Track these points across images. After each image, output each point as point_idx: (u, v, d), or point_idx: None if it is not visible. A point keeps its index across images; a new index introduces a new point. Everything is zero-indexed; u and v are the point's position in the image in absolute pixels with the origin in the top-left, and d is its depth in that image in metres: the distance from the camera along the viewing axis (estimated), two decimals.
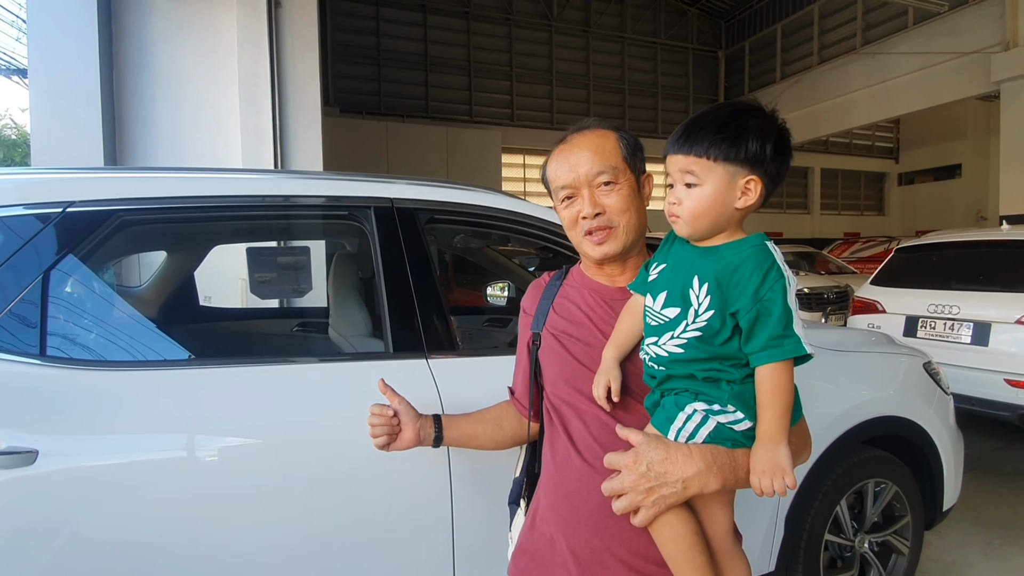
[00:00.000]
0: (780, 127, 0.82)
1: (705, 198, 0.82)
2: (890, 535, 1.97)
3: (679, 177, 0.84)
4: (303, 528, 1.28)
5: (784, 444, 0.79)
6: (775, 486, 0.78)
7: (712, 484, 0.81)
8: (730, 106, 0.84)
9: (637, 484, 0.82)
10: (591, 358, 0.96)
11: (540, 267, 3.79)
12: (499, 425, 1.14)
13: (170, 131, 3.88)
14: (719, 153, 0.80)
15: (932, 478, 2.07)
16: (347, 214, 1.56)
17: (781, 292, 0.78)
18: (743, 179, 0.81)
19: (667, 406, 0.86)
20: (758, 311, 0.78)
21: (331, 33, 13.60)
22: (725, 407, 0.83)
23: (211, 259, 2.19)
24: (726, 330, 0.81)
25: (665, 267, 0.89)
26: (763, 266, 0.79)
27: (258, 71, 3.92)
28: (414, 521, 1.37)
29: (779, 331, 0.77)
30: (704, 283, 0.82)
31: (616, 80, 17.02)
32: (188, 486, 1.20)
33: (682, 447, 0.83)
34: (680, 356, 0.84)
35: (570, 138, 1.01)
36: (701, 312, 0.82)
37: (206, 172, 1.54)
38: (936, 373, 2.17)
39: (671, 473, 0.81)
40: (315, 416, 1.33)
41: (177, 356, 1.67)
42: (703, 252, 0.85)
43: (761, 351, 0.78)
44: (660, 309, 0.86)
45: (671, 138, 0.86)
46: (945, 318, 3.68)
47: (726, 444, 0.83)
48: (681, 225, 0.85)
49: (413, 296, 1.45)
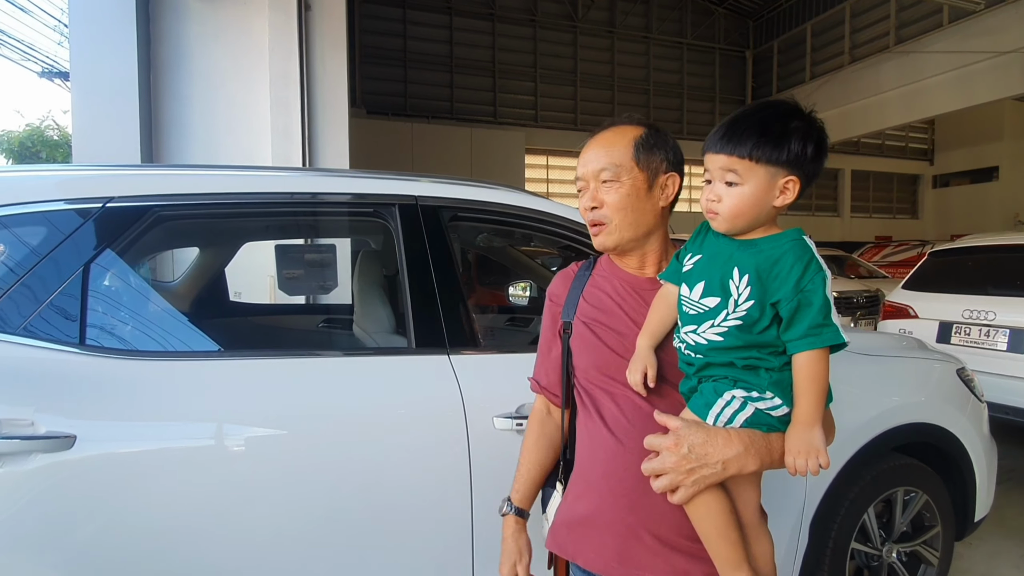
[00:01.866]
0: (820, 129, 0.85)
1: (746, 197, 0.85)
2: (919, 545, 1.92)
3: (719, 175, 0.87)
4: (324, 518, 1.30)
5: (819, 427, 0.83)
6: (809, 465, 0.82)
7: (750, 465, 0.86)
8: (772, 107, 0.86)
9: (678, 465, 0.86)
10: (623, 346, 0.99)
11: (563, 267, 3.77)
12: (551, 441, 1.15)
13: (203, 130, 4.00)
14: (762, 155, 0.83)
15: (964, 488, 2.01)
16: (372, 212, 1.58)
17: (821, 284, 0.81)
18: (783, 179, 0.84)
19: (705, 392, 0.90)
20: (799, 301, 0.81)
21: (359, 36, 13.80)
22: (764, 394, 0.86)
23: (241, 256, 2.25)
24: (765, 319, 0.84)
25: (701, 258, 0.92)
26: (803, 259, 0.82)
27: (288, 72, 4.01)
28: (434, 514, 1.38)
29: (819, 320, 0.81)
30: (744, 274, 0.85)
31: (641, 81, 16.90)
32: (216, 473, 1.24)
33: (721, 431, 0.86)
34: (720, 344, 0.87)
35: (596, 132, 1.05)
36: (741, 302, 0.85)
37: (237, 170, 1.58)
38: (970, 380, 2.10)
39: (711, 455, 0.85)
40: (338, 408, 1.36)
41: (208, 348, 1.72)
42: (741, 244, 0.88)
43: (801, 339, 0.82)
44: (699, 299, 0.89)
45: (711, 136, 0.88)
46: (980, 324, 3.57)
47: (762, 428, 0.87)
48: (719, 221, 0.88)
49: (436, 292, 1.46)
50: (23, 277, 1.23)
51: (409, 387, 1.42)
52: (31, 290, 1.23)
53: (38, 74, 9.22)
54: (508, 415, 1.40)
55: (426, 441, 1.38)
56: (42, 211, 1.29)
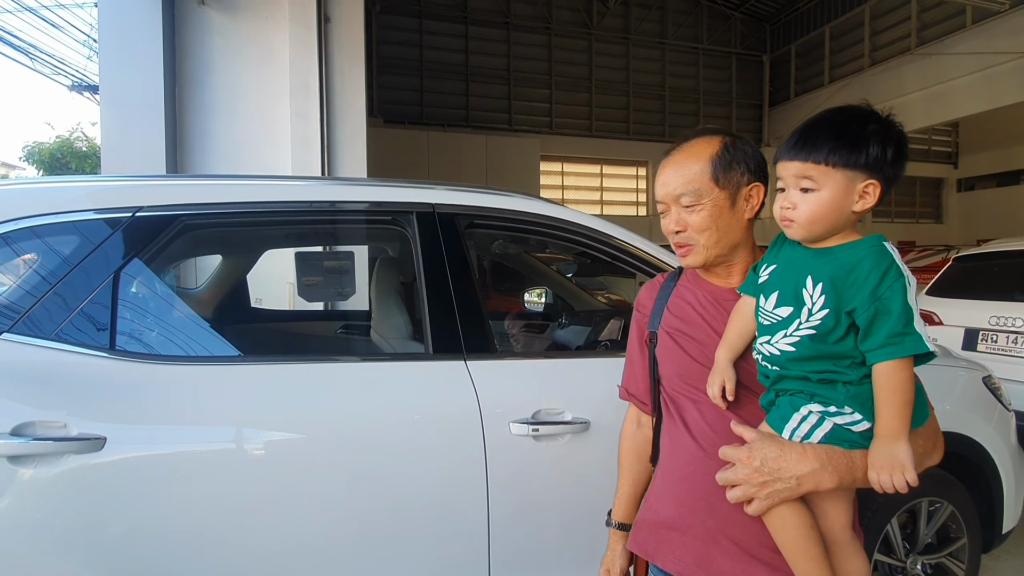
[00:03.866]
0: (899, 131, 0.83)
1: (823, 203, 0.83)
2: (944, 557, 1.87)
3: (793, 182, 0.85)
4: (342, 521, 1.32)
5: (904, 441, 0.80)
6: (894, 482, 0.79)
7: (827, 483, 0.83)
8: (846, 111, 0.85)
9: (750, 478, 0.85)
10: (705, 356, 1.00)
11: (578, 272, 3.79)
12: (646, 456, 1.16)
13: (226, 141, 4.10)
14: (839, 159, 0.81)
15: (991, 499, 1.96)
16: (390, 219, 1.61)
17: (901, 291, 0.79)
18: (862, 183, 0.82)
19: (781, 406, 0.89)
20: (876, 309, 0.79)
21: (377, 46, 13.99)
22: (842, 408, 0.84)
23: (262, 263, 2.29)
24: (840, 328, 0.82)
25: (776, 268, 0.91)
26: (881, 265, 0.80)
27: (308, 84, 4.10)
28: (450, 519, 1.39)
29: (899, 328, 0.78)
30: (818, 283, 0.84)
31: (657, 87, 16.84)
32: (238, 476, 1.27)
33: (796, 446, 0.85)
34: (792, 354, 0.86)
35: (672, 151, 1.04)
36: (815, 311, 0.83)
37: (260, 179, 1.62)
38: (997, 388, 2.05)
39: (785, 470, 0.84)
40: (356, 413, 1.38)
41: (230, 353, 1.76)
42: (816, 253, 0.86)
43: (880, 348, 0.79)
44: (772, 309, 0.89)
45: (784, 145, 0.87)
46: (1009, 331, 3.48)
47: (843, 445, 0.84)
48: (796, 229, 0.86)
49: (453, 299, 1.48)
50: (56, 285, 1.28)
51: (426, 392, 1.43)
52: (63, 297, 1.28)
53: (68, 88, 9.52)
54: (524, 420, 1.41)
55: (443, 446, 1.39)
56: (73, 220, 1.34)
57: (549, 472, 1.46)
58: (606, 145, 16.09)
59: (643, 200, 16.66)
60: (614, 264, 1.75)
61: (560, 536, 1.49)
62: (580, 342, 2.24)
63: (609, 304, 3.47)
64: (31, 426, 1.15)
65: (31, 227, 1.31)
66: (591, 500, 1.47)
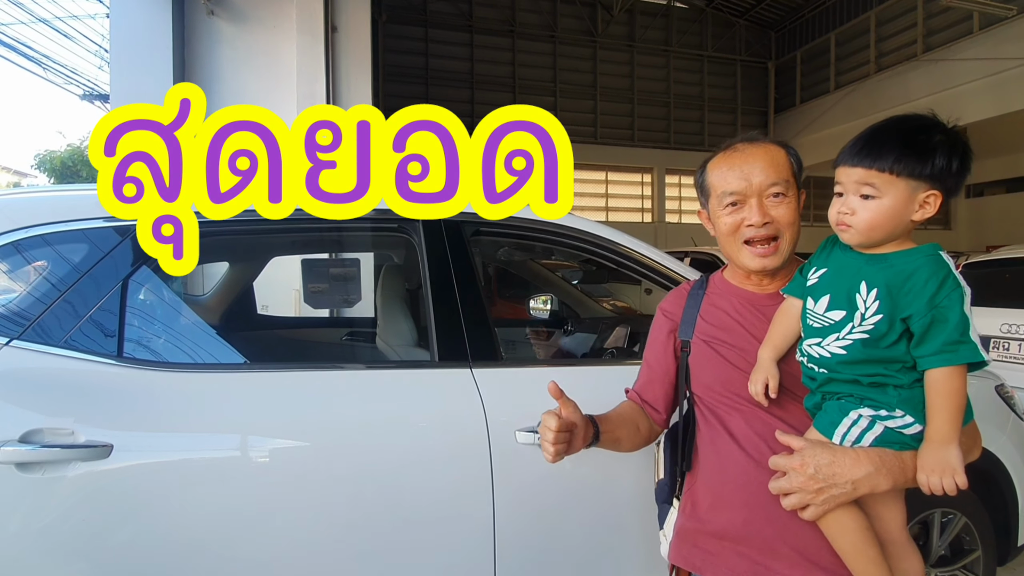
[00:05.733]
0: (965, 143, 0.84)
1: (884, 211, 0.83)
2: (959, 570, 1.84)
3: (854, 188, 0.86)
4: (347, 528, 1.32)
5: (955, 445, 0.81)
6: (944, 485, 0.80)
7: (883, 485, 0.84)
8: (913, 120, 0.85)
9: (806, 485, 0.85)
10: (746, 362, 1.00)
11: (584, 280, 3.78)
12: (638, 429, 1.14)
13: None
14: (904, 168, 0.82)
15: (1006, 510, 1.93)
16: (396, 226, 1.61)
17: (959, 300, 0.80)
18: (924, 193, 0.83)
19: (830, 411, 0.89)
20: (933, 317, 0.80)
21: (383, 55, 14.12)
22: (893, 412, 0.85)
23: (268, 270, 2.30)
24: (893, 334, 0.83)
25: (826, 271, 0.91)
26: (939, 275, 0.81)
27: (315, 92, 4.14)
28: (455, 527, 1.38)
29: (955, 337, 0.79)
30: (873, 288, 0.84)
31: (662, 94, 16.87)
32: (244, 483, 1.27)
33: (848, 451, 0.85)
34: (844, 357, 0.86)
35: (739, 147, 1.03)
36: (868, 316, 0.84)
37: None
38: (1010, 397, 2.03)
39: (840, 475, 0.84)
40: (362, 421, 1.37)
41: (237, 360, 1.76)
42: (870, 259, 0.87)
43: (935, 355, 0.80)
44: (824, 312, 0.89)
45: (846, 150, 0.87)
46: (1020, 338, 3.45)
47: (893, 447, 0.85)
48: (852, 234, 0.87)
49: (459, 306, 1.48)
50: (65, 292, 1.29)
51: (432, 400, 1.43)
52: (72, 305, 1.29)
53: (80, 97, 9.66)
54: (530, 429, 1.40)
55: (448, 454, 1.39)
56: (83, 228, 1.35)
57: (555, 481, 1.45)
58: (611, 152, 16.11)
59: (648, 207, 16.64)
60: (620, 271, 1.75)
61: (566, 545, 1.48)
62: (586, 350, 2.23)
63: (615, 311, 3.46)
64: (39, 433, 1.15)
65: (42, 235, 1.33)
66: (597, 509, 1.46)
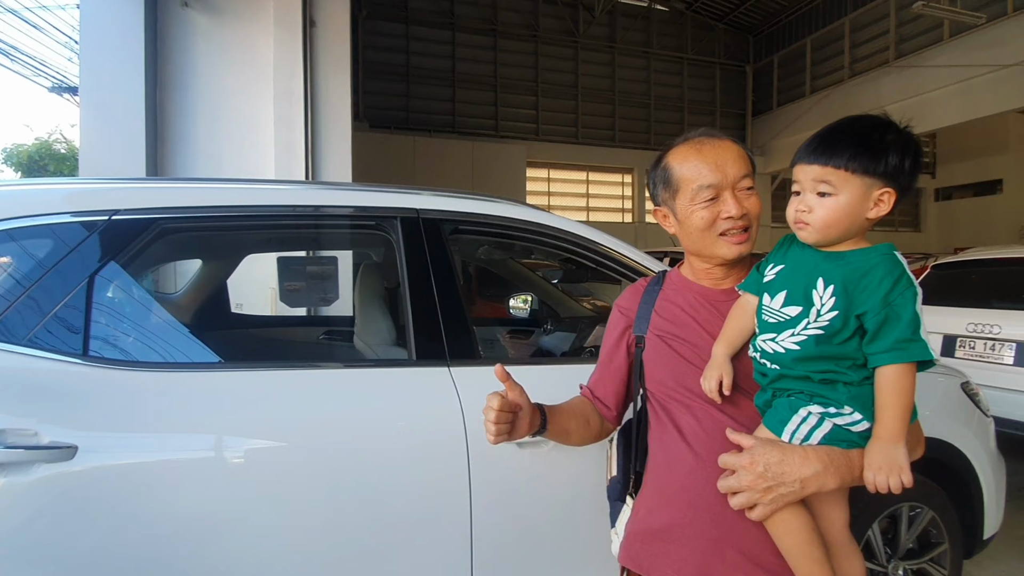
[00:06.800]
0: (917, 143, 0.85)
1: (840, 208, 0.85)
2: (926, 563, 1.89)
3: (811, 186, 0.87)
4: (323, 530, 1.30)
5: (903, 443, 0.82)
6: (891, 483, 0.81)
7: (830, 483, 0.84)
8: (867, 120, 0.87)
9: (754, 484, 0.85)
10: (699, 357, 0.99)
11: (564, 279, 3.79)
12: (588, 423, 1.13)
13: (208, 145, 4.05)
14: (858, 166, 0.83)
15: (971, 504, 1.98)
16: (374, 224, 1.60)
17: (912, 299, 0.82)
18: (878, 191, 0.84)
19: (779, 408, 0.89)
20: (887, 314, 0.81)
21: (363, 51, 13.96)
22: (842, 409, 0.85)
23: (243, 267, 2.26)
24: (847, 331, 0.84)
25: (784, 268, 0.92)
26: (894, 273, 0.83)
27: (292, 88, 4.07)
28: (432, 527, 1.37)
29: (907, 335, 0.81)
30: (830, 285, 0.85)
31: (642, 95, 17.02)
32: (215, 485, 1.24)
33: (798, 449, 0.85)
34: (797, 353, 0.87)
35: (705, 140, 1.02)
36: (824, 312, 0.85)
37: (241, 183, 1.60)
38: (975, 394, 2.08)
39: (788, 474, 0.84)
40: (338, 420, 1.35)
41: (209, 360, 1.72)
42: (827, 256, 0.88)
43: (887, 352, 0.81)
44: (780, 308, 0.90)
45: (802, 149, 0.88)
46: (986, 338, 3.55)
47: (841, 445, 0.86)
48: (810, 232, 0.88)
49: (437, 305, 1.47)
50: (29, 289, 1.24)
51: (409, 399, 1.42)
52: (37, 301, 1.24)
53: (48, 89, 9.36)
54: None
55: (425, 454, 1.38)
56: (49, 223, 1.31)
57: (532, 481, 1.45)
58: (592, 152, 16.20)
59: (628, 207, 16.78)
60: (600, 271, 1.75)
61: (544, 545, 1.48)
62: (566, 348, 2.24)
63: (595, 310, 3.48)
64: (1, 434, 1.11)
65: (6, 230, 1.28)
66: (575, 509, 1.46)
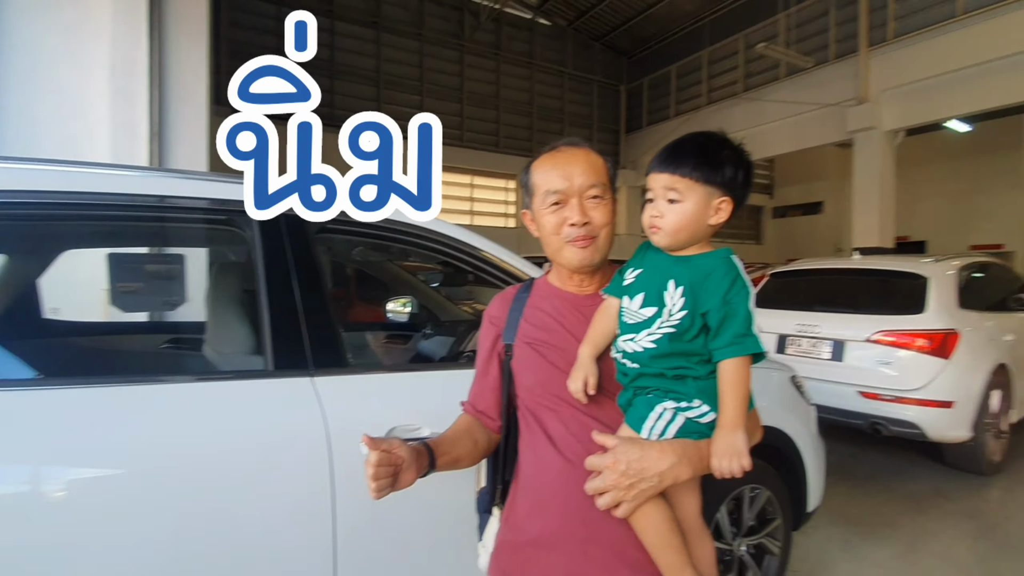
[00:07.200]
0: (749, 160, 0.95)
1: (686, 213, 0.92)
2: (764, 537, 2.11)
3: (662, 193, 0.94)
4: (171, 562, 1.14)
5: (742, 430, 0.89)
6: (732, 467, 0.88)
7: (684, 474, 0.91)
8: (707, 136, 0.96)
9: (618, 482, 0.90)
10: (567, 361, 1.01)
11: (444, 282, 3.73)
12: (476, 443, 1.10)
13: (22, 117, 3.37)
14: (700, 175, 0.91)
15: (798, 483, 2.26)
16: (226, 219, 1.43)
17: (745, 298, 0.90)
18: (717, 199, 0.93)
19: (638, 406, 0.95)
20: (726, 312, 0.89)
21: (226, 29, 12.73)
22: (691, 402, 0.93)
23: (61, 266, 1.91)
24: (695, 328, 0.91)
25: (641, 272, 0.98)
26: (731, 274, 0.91)
27: (135, 59, 3.54)
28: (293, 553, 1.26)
29: (743, 330, 0.89)
30: (680, 286, 0.92)
31: (525, 104, 17.50)
32: (37, 525, 1.04)
33: (655, 444, 0.91)
34: (653, 351, 0.93)
35: (562, 148, 1.05)
36: (675, 311, 0.92)
37: (61, 165, 1.35)
38: (801, 386, 2.38)
39: (648, 469, 0.89)
40: (183, 442, 1.19)
41: (20, 375, 1.43)
42: (677, 260, 0.95)
43: (726, 347, 0.89)
44: (638, 308, 0.95)
45: (656, 158, 0.95)
46: (809, 336, 4.10)
47: (693, 437, 0.93)
48: (661, 236, 0.95)
49: (299, 309, 1.35)
50: None
51: (264, 414, 1.28)
52: None
53: None
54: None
55: (284, 474, 1.26)
56: None
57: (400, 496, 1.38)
58: (477, 157, 16.32)
59: (512, 212, 17.14)
60: (478, 275, 1.73)
61: (415, 562, 1.41)
62: (445, 353, 2.19)
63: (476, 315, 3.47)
64: None
65: None
66: (450, 524, 1.42)
